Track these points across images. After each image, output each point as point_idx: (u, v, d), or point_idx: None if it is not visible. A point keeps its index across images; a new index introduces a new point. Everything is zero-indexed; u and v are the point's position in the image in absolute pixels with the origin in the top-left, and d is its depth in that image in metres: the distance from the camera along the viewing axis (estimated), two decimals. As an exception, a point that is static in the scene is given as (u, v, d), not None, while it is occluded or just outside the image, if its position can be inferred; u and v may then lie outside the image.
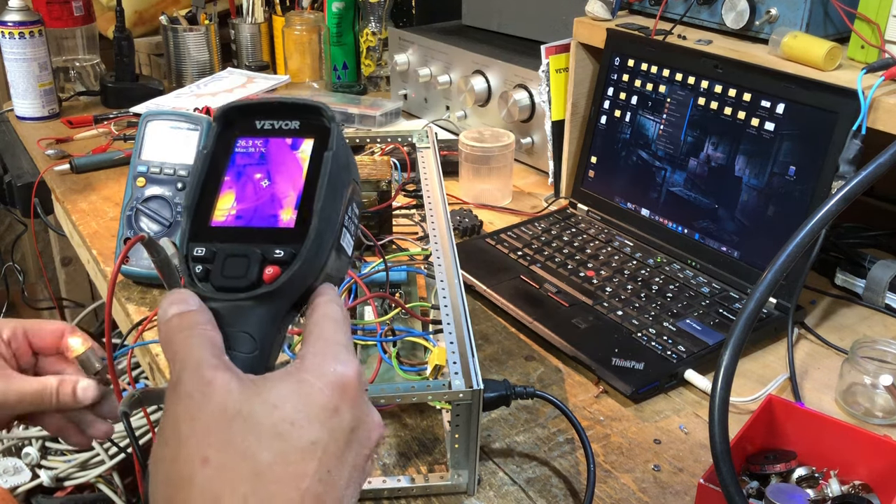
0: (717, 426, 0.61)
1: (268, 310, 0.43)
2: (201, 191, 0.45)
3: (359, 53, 1.84)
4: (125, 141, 1.48)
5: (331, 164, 0.44)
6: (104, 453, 1.42)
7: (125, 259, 1.01)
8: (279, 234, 0.43)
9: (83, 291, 2.15)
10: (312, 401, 0.38)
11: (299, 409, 0.38)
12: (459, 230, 1.18)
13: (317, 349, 0.41)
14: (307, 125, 0.46)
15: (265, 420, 0.37)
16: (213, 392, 0.37)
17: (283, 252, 0.43)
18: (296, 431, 0.37)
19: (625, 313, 0.95)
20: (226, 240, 0.44)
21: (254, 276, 0.42)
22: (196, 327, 0.40)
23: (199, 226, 0.45)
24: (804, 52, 0.94)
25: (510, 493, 0.73)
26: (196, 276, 0.43)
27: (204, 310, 0.42)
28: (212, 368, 0.38)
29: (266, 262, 0.43)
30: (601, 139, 1.18)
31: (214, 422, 0.37)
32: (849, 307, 1.02)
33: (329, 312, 0.43)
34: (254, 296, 0.42)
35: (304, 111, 0.46)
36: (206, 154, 0.46)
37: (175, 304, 0.41)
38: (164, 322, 0.41)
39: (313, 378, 0.39)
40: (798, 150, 0.94)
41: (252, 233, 0.44)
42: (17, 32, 1.54)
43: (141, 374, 1.37)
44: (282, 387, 0.39)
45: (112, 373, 0.67)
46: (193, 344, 0.39)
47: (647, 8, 1.17)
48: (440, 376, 0.75)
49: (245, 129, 0.47)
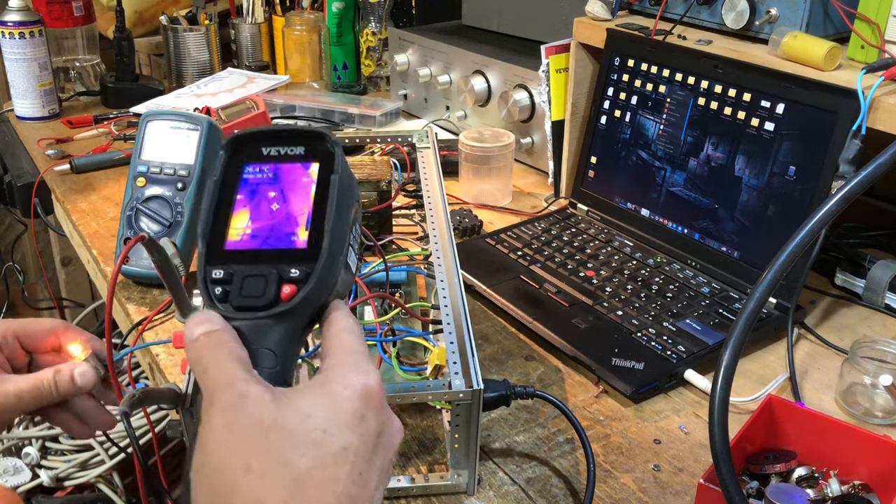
0: (717, 426, 0.62)
1: (286, 326, 0.45)
2: (214, 216, 0.48)
3: (359, 53, 1.84)
4: (125, 141, 1.48)
5: (338, 186, 0.47)
6: (104, 453, 1.42)
7: (125, 259, 1.01)
8: (293, 255, 0.46)
9: (83, 291, 2.15)
10: (341, 409, 0.41)
11: (330, 418, 0.40)
12: (459, 230, 1.18)
13: (340, 361, 0.43)
14: (311, 150, 0.49)
15: (300, 428, 0.39)
16: (250, 404, 0.40)
17: (299, 271, 0.45)
18: (328, 438, 0.40)
19: (625, 313, 0.95)
20: (241, 261, 0.46)
21: (272, 295, 0.45)
22: (224, 345, 0.43)
23: (214, 249, 0.47)
24: (804, 52, 0.94)
25: (510, 493, 0.73)
26: (216, 297, 0.45)
27: (229, 328, 0.44)
28: (245, 382, 0.41)
29: (282, 281, 0.45)
30: (601, 139, 1.19)
31: (253, 432, 0.39)
32: (849, 307, 1.02)
33: (346, 325, 0.45)
34: (273, 314, 0.45)
35: (308, 137, 0.49)
36: (216, 181, 0.49)
37: (201, 324, 0.44)
38: (191, 341, 0.43)
39: (340, 388, 0.41)
40: (798, 150, 0.94)
41: (266, 254, 0.46)
42: (17, 32, 1.54)
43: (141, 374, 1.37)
44: (312, 397, 0.41)
45: (112, 373, 0.67)
46: (225, 360, 0.42)
47: (647, 8, 1.17)
48: (440, 376, 0.75)
49: (252, 155, 0.49)
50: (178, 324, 0.95)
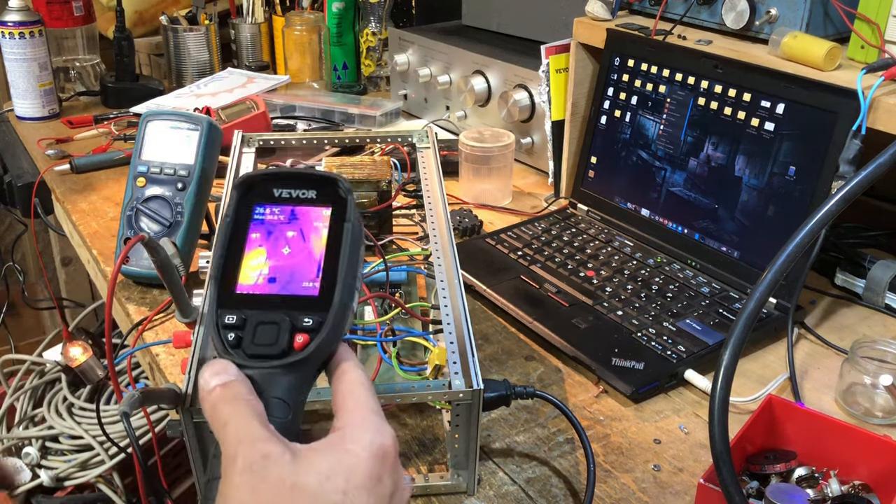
0: (717, 426, 0.61)
1: (298, 376, 0.45)
2: (226, 258, 0.47)
3: (359, 53, 1.84)
4: (125, 141, 1.48)
5: (351, 234, 0.47)
6: (104, 453, 1.42)
7: (125, 259, 1.01)
8: (305, 302, 0.46)
9: (83, 291, 2.15)
10: (359, 471, 0.42)
11: (349, 480, 0.41)
12: (459, 230, 1.18)
13: (356, 420, 0.44)
14: (323, 195, 0.49)
15: (319, 490, 0.40)
16: (271, 465, 0.41)
17: (311, 320, 0.45)
18: (349, 500, 0.41)
19: (625, 313, 0.95)
20: (253, 306, 0.46)
21: (284, 343, 0.45)
22: (241, 398, 0.43)
23: (226, 292, 0.47)
24: (804, 52, 0.94)
25: (510, 493, 0.73)
26: (229, 343, 0.45)
27: (244, 380, 0.44)
28: (266, 442, 0.41)
29: (295, 329, 0.45)
30: (601, 139, 1.19)
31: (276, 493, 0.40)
32: (849, 307, 1.02)
33: (358, 378, 0.46)
34: (286, 364, 0.45)
35: (321, 182, 0.49)
36: (228, 221, 0.48)
37: (217, 374, 0.44)
38: (207, 392, 0.44)
39: (358, 449, 0.43)
40: (798, 150, 0.94)
41: (278, 300, 0.46)
42: (17, 32, 1.54)
43: (141, 374, 1.37)
44: (330, 458, 0.42)
45: (112, 373, 0.67)
46: (243, 415, 0.42)
47: (647, 8, 1.17)
48: (440, 376, 0.75)
49: (264, 196, 0.49)
50: (178, 324, 0.95)
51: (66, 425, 1.47)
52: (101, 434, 1.44)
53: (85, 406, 1.50)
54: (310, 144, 1.04)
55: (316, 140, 1.04)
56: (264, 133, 1.06)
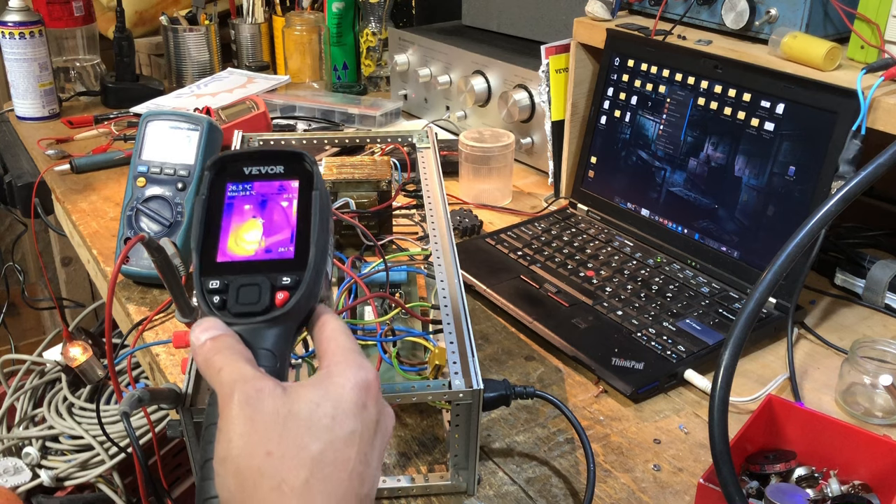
0: (717, 426, 0.62)
1: (282, 329, 0.49)
2: (205, 231, 0.51)
3: (359, 53, 1.84)
4: (125, 141, 1.48)
5: (319, 201, 0.51)
6: (104, 453, 1.42)
7: (125, 259, 1.01)
8: (282, 265, 0.50)
9: (83, 291, 2.15)
10: (345, 399, 0.46)
11: (336, 407, 0.45)
12: (459, 230, 1.18)
13: (338, 359, 0.48)
14: (290, 169, 0.53)
15: (312, 416, 0.44)
16: (265, 398, 0.44)
17: (290, 279, 0.49)
18: (337, 424, 0.44)
19: (625, 313, 0.95)
20: (234, 272, 0.50)
21: (266, 301, 0.49)
22: (232, 347, 0.47)
23: (208, 262, 0.51)
24: (804, 52, 0.94)
25: (510, 492, 0.73)
26: (214, 305, 0.49)
27: (232, 333, 0.48)
28: (259, 379, 0.45)
29: (275, 288, 0.49)
30: (601, 139, 1.19)
31: (271, 421, 0.44)
32: (848, 307, 1.02)
33: (337, 326, 0.50)
34: (270, 318, 0.49)
35: (287, 157, 0.53)
36: (203, 199, 0.52)
37: (206, 330, 0.48)
38: (199, 346, 0.47)
39: (342, 380, 0.46)
40: (798, 150, 0.94)
41: (257, 265, 0.50)
42: (17, 32, 1.54)
43: (141, 374, 1.37)
44: (319, 390, 0.46)
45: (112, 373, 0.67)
46: (236, 360, 0.46)
47: (647, 8, 1.17)
48: (440, 376, 0.75)
49: (235, 174, 0.53)
50: (178, 324, 0.95)
51: (66, 425, 1.47)
52: (101, 434, 1.44)
53: (85, 406, 1.50)
54: (310, 144, 1.04)
55: (316, 140, 1.04)
56: (264, 133, 1.06)
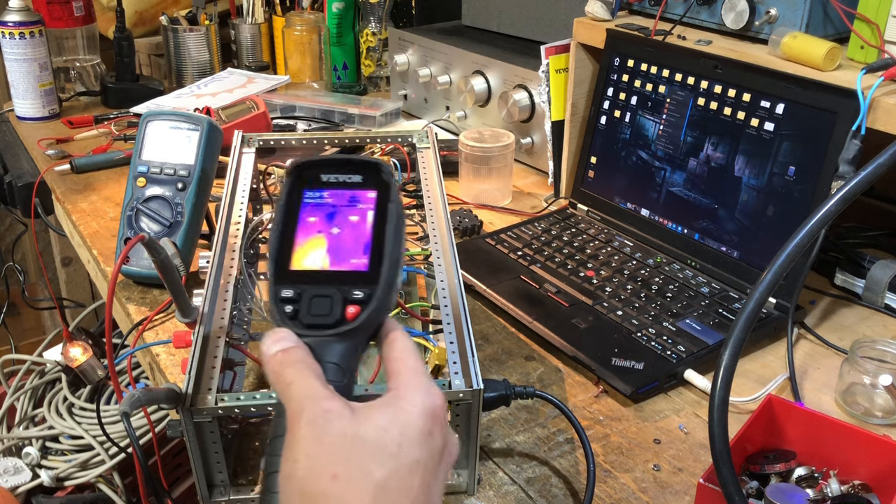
0: (717, 426, 0.62)
1: (350, 343, 0.49)
2: (281, 238, 0.51)
3: (359, 54, 1.84)
4: (125, 141, 1.48)
5: (395, 214, 0.51)
6: (104, 453, 1.42)
7: (125, 259, 1.01)
8: (355, 277, 0.50)
9: (83, 291, 2.15)
10: (413, 426, 0.45)
11: (403, 433, 0.44)
12: (459, 230, 1.18)
13: (407, 381, 0.47)
14: (368, 179, 0.52)
15: (378, 442, 0.44)
16: (333, 419, 0.44)
17: (362, 293, 0.49)
18: (403, 452, 0.44)
19: (624, 313, 0.95)
20: (307, 281, 0.50)
21: (338, 314, 0.48)
22: (302, 361, 0.47)
23: (282, 269, 0.50)
24: (804, 52, 0.94)
25: (510, 492, 0.73)
26: (286, 315, 0.49)
27: (303, 346, 0.48)
28: (328, 399, 0.45)
29: (347, 301, 0.49)
30: (601, 139, 1.19)
31: (338, 443, 0.43)
32: (848, 307, 1.02)
33: (407, 346, 0.50)
34: (339, 332, 0.48)
35: (365, 167, 0.53)
36: (281, 205, 0.52)
37: (278, 341, 0.48)
38: (269, 357, 0.47)
39: (411, 407, 0.46)
40: (798, 150, 0.94)
41: (330, 275, 0.50)
42: (17, 32, 1.54)
43: (141, 374, 1.37)
44: (386, 414, 0.45)
45: (113, 373, 0.67)
46: (306, 376, 0.46)
47: (647, 8, 1.17)
48: (440, 376, 0.75)
49: (313, 181, 0.53)
50: (178, 324, 0.95)
51: (66, 425, 1.47)
52: (101, 434, 1.44)
53: (85, 406, 1.50)
54: (310, 144, 1.04)
55: (316, 140, 1.04)
56: (264, 133, 1.06)
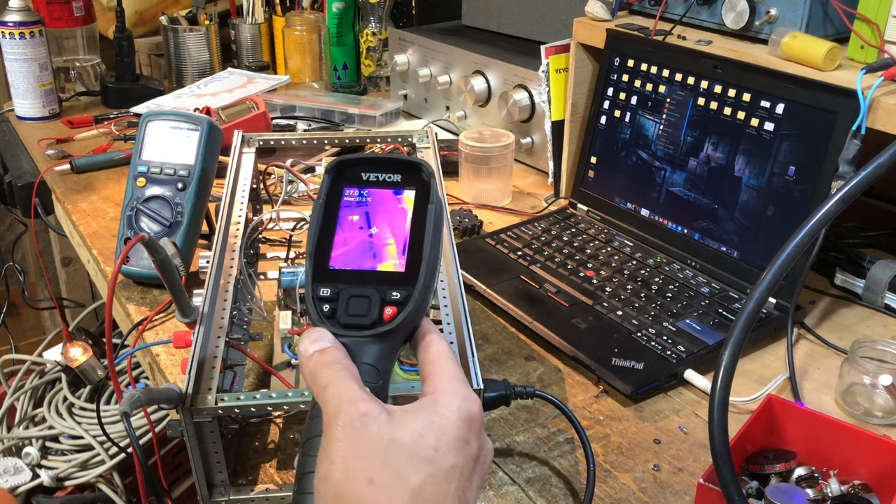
0: (717, 426, 0.62)
1: (387, 344, 0.48)
2: (319, 235, 0.51)
3: (359, 54, 1.84)
4: (125, 141, 1.48)
5: (434, 215, 0.50)
6: (104, 453, 1.42)
7: (125, 259, 1.01)
8: (392, 277, 0.49)
9: (83, 291, 2.15)
10: (448, 432, 0.45)
11: (439, 439, 0.44)
12: (459, 230, 1.18)
13: (445, 386, 0.47)
14: (408, 178, 0.52)
15: (414, 447, 0.43)
16: (370, 422, 0.44)
17: (399, 294, 0.48)
18: (439, 457, 0.44)
19: (624, 313, 0.95)
20: (345, 281, 0.49)
21: (375, 315, 0.48)
22: (339, 363, 0.47)
23: (320, 268, 0.50)
24: (804, 52, 0.94)
25: (510, 492, 0.73)
26: (324, 314, 0.49)
27: (340, 346, 0.47)
28: (364, 402, 0.44)
29: (384, 302, 0.48)
30: (601, 139, 1.19)
31: (374, 447, 0.43)
32: (848, 307, 1.02)
33: (443, 350, 0.49)
34: (376, 333, 0.48)
35: (406, 167, 0.52)
36: (321, 203, 0.52)
37: (315, 341, 0.47)
38: (306, 357, 0.47)
39: (448, 412, 0.45)
40: (798, 150, 0.94)
41: (368, 275, 0.50)
42: (17, 32, 1.54)
43: (141, 374, 1.37)
44: (423, 418, 0.45)
45: (113, 373, 0.67)
46: (343, 378, 0.46)
47: (647, 8, 1.17)
48: (440, 376, 0.75)
49: (353, 179, 0.52)
50: (178, 324, 0.95)
51: (66, 425, 1.47)
52: (101, 434, 1.44)
53: (85, 406, 1.50)
54: (310, 144, 1.04)
55: (316, 140, 1.04)
56: (264, 133, 1.06)
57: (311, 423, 0.47)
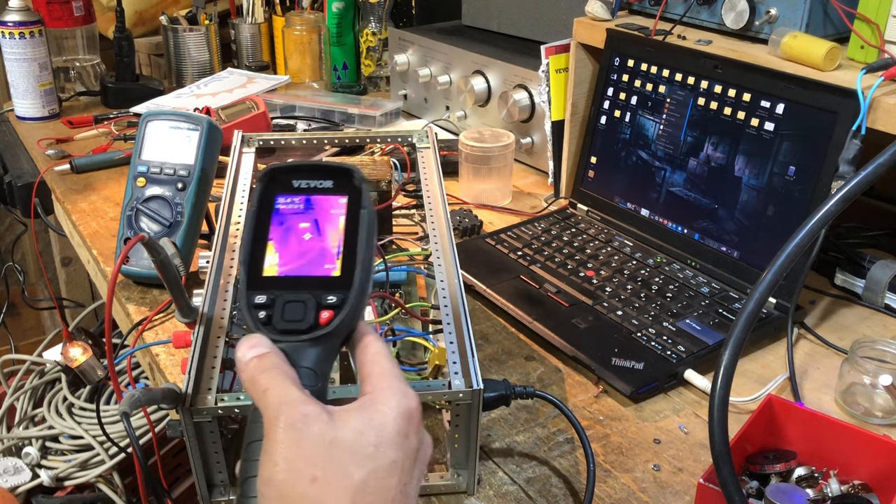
0: (717, 426, 0.62)
1: (324, 348, 0.49)
2: (252, 244, 0.51)
3: (359, 53, 1.84)
4: (125, 141, 1.48)
5: (367, 220, 0.51)
6: (104, 453, 1.42)
7: (125, 259, 1.01)
8: (327, 282, 0.50)
9: (83, 291, 2.15)
10: (388, 428, 0.46)
11: (380, 435, 0.45)
12: (459, 230, 1.18)
13: (383, 385, 0.48)
14: (339, 184, 0.52)
15: (355, 444, 0.44)
16: (311, 423, 0.44)
17: (335, 298, 0.49)
18: (380, 453, 0.45)
19: (624, 313, 0.95)
20: (280, 287, 0.50)
21: (311, 319, 0.49)
22: (277, 367, 0.47)
23: (254, 276, 0.50)
24: (804, 52, 0.94)
25: (510, 492, 0.73)
26: (260, 321, 0.49)
27: (277, 351, 0.48)
28: (304, 403, 0.45)
29: (320, 307, 0.49)
30: (601, 139, 1.19)
31: (316, 447, 0.44)
32: (848, 307, 1.02)
33: (380, 350, 0.50)
34: (313, 337, 0.49)
35: (337, 173, 0.53)
36: (253, 211, 0.52)
37: (252, 347, 0.48)
38: (244, 364, 0.47)
39: (387, 409, 0.46)
40: (798, 150, 0.94)
41: (303, 281, 0.50)
42: (17, 32, 1.54)
43: (141, 374, 1.37)
44: (363, 416, 0.46)
45: (113, 373, 0.67)
46: (281, 382, 0.46)
47: (647, 8, 1.17)
48: (440, 376, 0.75)
49: (284, 186, 0.53)
50: (178, 324, 0.95)
51: (66, 425, 1.47)
52: (101, 434, 1.44)
53: (85, 406, 1.50)
54: (310, 144, 1.04)
55: (316, 140, 1.04)
56: (264, 133, 1.06)
57: (251, 427, 0.48)
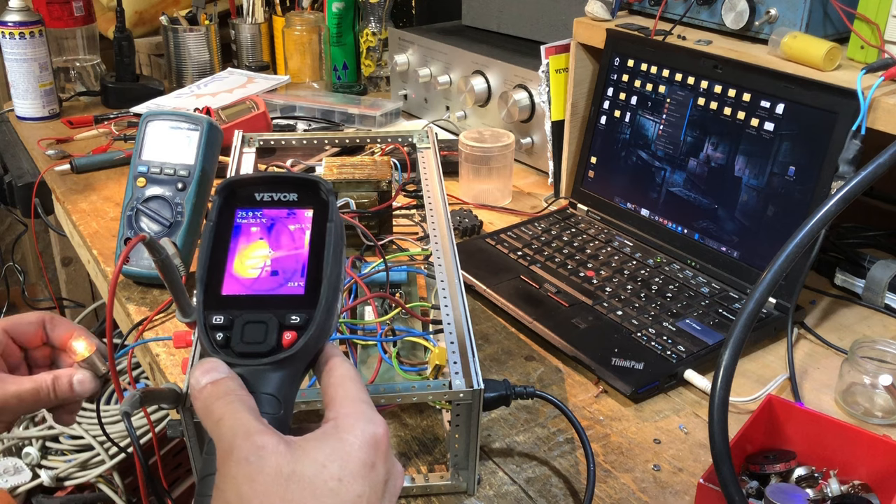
0: (717, 426, 0.62)
1: (287, 372, 0.45)
2: (210, 261, 0.48)
3: (359, 54, 1.84)
4: (125, 141, 1.48)
5: (334, 234, 0.47)
6: (104, 453, 1.43)
7: (126, 259, 1.01)
8: (291, 301, 0.46)
9: (83, 291, 2.15)
10: (353, 459, 0.42)
11: (344, 467, 0.42)
12: (459, 230, 1.18)
13: (348, 410, 0.45)
14: (305, 197, 0.49)
15: (317, 478, 0.41)
16: (267, 455, 0.41)
17: (299, 318, 0.45)
18: (344, 487, 0.41)
19: (624, 313, 0.95)
20: (240, 307, 0.46)
21: (273, 341, 0.45)
22: (233, 394, 0.44)
23: (212, 295, 0.47)
24: (804, 52, 0.94)
25: (510, 492, 0.73)
26: (217, 343, 0.46)
27: (234, 376, 0.45)
28: (260, 434, 0.42)
29: (283, 327, 0.45)
30: (601, 139, 1.19)
31: (273, 482, 0.40)
32: (848, 307, 1.02)
33: (347, 373, 0.46)
34: (275, 360, 0.45)
35: (302, 185, 0.49)
36: (211, 226, 0.48)
37: (207, 372, 0.45)
38: (198, 390, 0.44)
39: (351, 438, 0.43)
40: (798, 151, 0.94)
41: (264, 300, 0.46)
42: (17, 33, 1.54)
43: (141, 374, 1.37)
44: (325, 447, 0.42)
45: (114, 373, 0.68)
46: (237, 410, 0.43)
47: (647, 8, 1.17)
48: (440, 376, 0.75)
49: (246, 200, 0.49)
50: (178, 323, 0.95)
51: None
52: (101, 434, 1.44)
53: (85, 406, 1.50)
54: (310, 144, 1.04)
55: (316, 140, 1.04)
56: (264, 133, 1.06)
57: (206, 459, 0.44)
